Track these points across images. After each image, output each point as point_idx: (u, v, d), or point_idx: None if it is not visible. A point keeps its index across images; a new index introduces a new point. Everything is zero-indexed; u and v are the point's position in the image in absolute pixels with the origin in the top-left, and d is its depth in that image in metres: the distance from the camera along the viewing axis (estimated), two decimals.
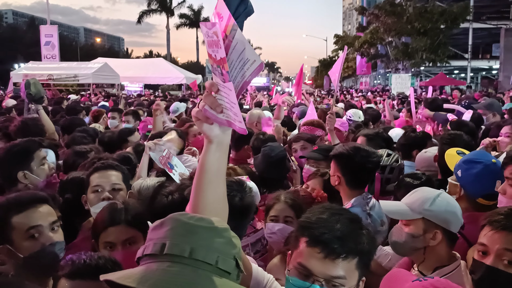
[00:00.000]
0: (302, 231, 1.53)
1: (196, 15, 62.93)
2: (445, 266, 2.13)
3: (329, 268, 1.44)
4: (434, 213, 2.14)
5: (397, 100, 14.32)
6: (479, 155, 2.70)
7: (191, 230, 1.16)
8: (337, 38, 45.31)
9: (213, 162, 1.44)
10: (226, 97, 1.36)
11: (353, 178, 2.91)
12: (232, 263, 1.16)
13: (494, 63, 37.11)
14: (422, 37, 29.36)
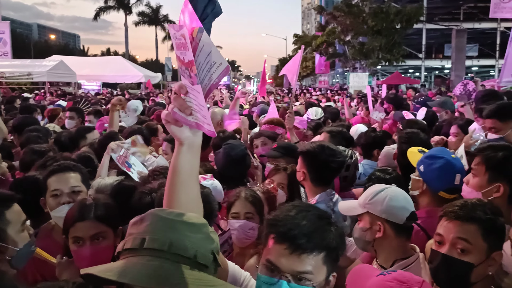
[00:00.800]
0: (270, 228, 1.56)
1: (154, 13, 62.00)
2: (404, 259, 2.20)
3: (295, 264, 1.46)
4: (374, 206, 2.23)
5: (356, 98, 14.61)
6: (440, 151, 2.81)
7: (171, 225, 1.18)
8: (296, 37, 45.87)
9: (185, 163, 1.45)
10: (194, 100, 1.37)
11: (317, 175, 2.98)
12: (210, 257, 1.19)
13: (447, 63, 38.54)
14: (378, 37, 30.08)
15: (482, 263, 1.78)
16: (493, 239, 1.79)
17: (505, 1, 11.06)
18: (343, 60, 36.27)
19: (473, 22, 38.06)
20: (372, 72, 31.83)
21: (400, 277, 1.58)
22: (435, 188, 2.68)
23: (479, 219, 1.79)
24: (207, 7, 1.78)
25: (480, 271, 1.79)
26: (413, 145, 3.37)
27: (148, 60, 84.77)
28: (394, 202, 2.21)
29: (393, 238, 2.22)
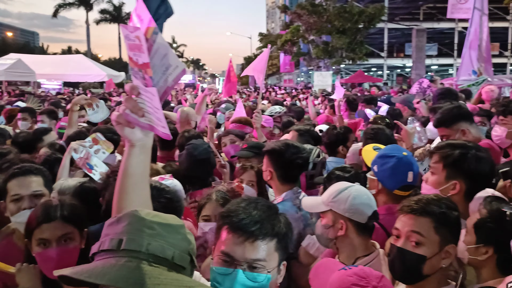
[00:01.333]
0: (223, 220, 1.60)
1: (117, 10, 60.83)
2: (366, 256, 2.24)
3: (249, 251, 1.51)
4: (337, 204, 2.25)
5: (320, 97, 14.78)
6: (392, 150, 2.83)
7: (148, 226, 1.17)
8: (261, 36, 46.00)
9: (137, 165, 1.44)
10: (148, 102, 1.35)
11: (284, 173, 3.00)
12: (187, 258, 1.19)
13: (408, 61, 39.46)
14: (341, 36, 30.51)
15: (435, 256, 1.83)
16: (446, 232, 1.84)
17: (462, 2, 11.43)
18: (307, 59, 36.58)
19: (432, 22, 39.23)
20: (336, 70, 32.24)
21: (360, 272, 1.63)
22: (390, 187, 2.71)
23: (432, 213, 1.84)
24: (160, 8, 1.77)
25: (434, 264, 1.83)
26: (378, 141, 3.44)
27: (111, 59, 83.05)
28: (357, 201, 2.23)
29: (355, 237, 2.25)
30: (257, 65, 5.54)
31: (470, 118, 3.60)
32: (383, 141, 3.45)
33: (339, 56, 31.78)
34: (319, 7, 32.14)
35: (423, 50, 32.21)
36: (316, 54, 32.68)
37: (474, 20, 10.22)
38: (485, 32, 10.27)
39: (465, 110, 3.68)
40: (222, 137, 4.69)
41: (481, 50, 10.15)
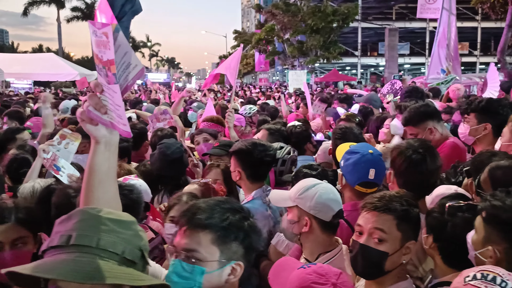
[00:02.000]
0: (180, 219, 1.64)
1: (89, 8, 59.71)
2: (328, 252, 2.27)
3: (184, 240, 1.55)
4: (303, 201, 2.26)
5: (294, 95, 14.83)
6: (359, 147, 2.87)
7: (100, 222, 1.19)
8: (236, 33, 45.94)
9: (102, 162, 1.45)
10: (110, 99, 1.37)
11: (253, 172, 3.01)
12: (138, 253, 1.22)
13: (381, 60, 40.08)
14: (316, 36, 30.72)
15: (396, 252, 1.87)
16: (407, 229, 1.89)
17: (430, 2, 11.71)
18: (282, 58, 36.71)
19: (404, 22, 39.88)
20: (310, 69, 32.47)
21: (319, 269, 1.66)
22: (350, 182, 2.75)
23: (395, 210, 1.88)
24: (125, 5, 1.76)
25: (395, 260, 1.87)
26: (347, 140, 3.45)
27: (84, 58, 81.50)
28: (323, 199, 2.25)
29: (319, 233, 2.27)
30: (230, 64, 5.55)
31: (438, 116, 3.68)
32: (351, 140, 3.48)
33: (313, 55, 31.99)
34: (293, 7, 32.29)
35: (395, 49, 32.79)
36: (290, 53, 32.81)
37: (443, 20, 10.44)
38: (453, 31, 10.50)
39: (432, 108, 3.76)
40: (195, 136, 4.68)
41: (449, 49, 10.38)
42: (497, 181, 2.19)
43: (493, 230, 1.75)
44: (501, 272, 1.45)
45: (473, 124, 3.34)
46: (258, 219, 2.76)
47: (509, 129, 2.94)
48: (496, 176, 2.24)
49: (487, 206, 1.80)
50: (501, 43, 14.56)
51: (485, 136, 3.30)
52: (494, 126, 3.24)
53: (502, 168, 2.25)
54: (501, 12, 14.41)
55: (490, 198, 1.81)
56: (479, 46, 41.18)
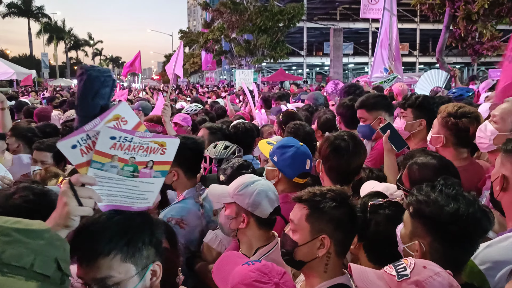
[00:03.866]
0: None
1: (26, 4, 57.21)
2: (264, 246, 2.28)
3: (91, 273, 1.39)
4: (242, 198, 2.27)
5: (242, 95, 14.83)
6: (289, 141, 2.96)
7: (4, 233, 1.06)
8: (182, 33, 45.41)
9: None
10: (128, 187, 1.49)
11: (189, 167, 2.95)
12: (52, 265, 1.08)
13: (326, 60, 40.90)
14: (263, 35, 30.92)
15: (307, 243, 1.85)
16: (318, 221, 1.84)
17: (373, 3, 12.03)
18: (229, 57, 36.66)
19: (348, 22, 40.95)
20: (257, 69, 32.63)
21: (263, 268, 1.65)
22: (290, 175, 2.84)
23: (306, 201, 1.89)
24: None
25: (306, 251, 1.86)
26: (298, 136, 3.50)
27: (21, 56, 77.72)
28: (262, 197, 2.26)
29: (255, 230, 2.30)
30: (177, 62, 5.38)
31: (391, 110, 3.86)
32: (302, 136, 3.53)
33: (260, 55, 32.16)
34: (240, 6, 32.32)
35: (340, 49, 33.48)
36: (238, 52, 32.83)
37: (385, 21, 10.75)
38: (394, 32, 10.82)
39: (389, 101, 3.95)
40: None
41: (391, 49, 10.69)
42: (414, 178, 2.32)
43: (419, 224, 1.79)
44: (412, 261, 1.47)
45: (409, 119, 3.46)
46: (190, 219, 2.71)
47: (438, 121, 3.05)
48: (413, 172, 2.36)
49: (413, 200, 1.82)
50: (439, 44, 15.23)
51: (420, 132, 3.43)
52: (428, 122, 3.36)
53: (418, 165, 2.37)
54: (439, 13, 15.08)
55: (416, 193, 1.83)
56: (418, 47, 42.96)
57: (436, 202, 1.74)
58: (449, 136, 2.96)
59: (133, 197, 1.50)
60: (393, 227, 1.94)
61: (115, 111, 1.51)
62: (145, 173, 1.49)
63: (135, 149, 1.47)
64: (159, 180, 1.52)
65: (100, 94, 1.84)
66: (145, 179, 1.50)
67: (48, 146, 3.85)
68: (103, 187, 1.44)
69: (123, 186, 1.47)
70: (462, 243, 1.72)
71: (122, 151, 1.46)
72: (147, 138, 1.47)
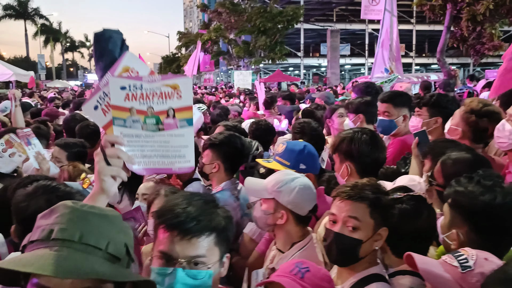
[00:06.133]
0: (158, 219, 1.56)
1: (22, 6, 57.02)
2: (300, 241, 2.31)
3: (187, 249, 1.48)
4: (281, 195, 2.28)
5: (243, 95, 14.90)
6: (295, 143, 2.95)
7: (82, 216, 1.13)
8: (180, 35, 45.34)
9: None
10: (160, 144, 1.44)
11: (232, 165, 3.04)
12: (122, 249, 1.16)
13: (323, 61, 41.03)
14: (261, 36, 30.96)
15: (369, 239, 1.90)
16: (378, 216, 1.92)
17: (373, 4, 12.13)
18: (227, 58, 36.67)
19: (345, 23, 41.11)
20: (255, 70, 32.68)
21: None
22: (317, 170, 2.94)
23: (367, 198, 1.91)
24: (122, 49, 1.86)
25: (368, 246, 1.90)
26: (305, 134, 3.57)
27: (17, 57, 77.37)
28: (302, 195, 2.28)
29: (293, 226, 2.32)
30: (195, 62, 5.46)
31: (412, 109, 3.88)
32: (308, 134, 3.60)
33: (258, 56, 32.21)
34: (239, 7, 32.35)
35: (337, 50, 33.66)
36: (237, 53, 32.86)
37: (385, 21, 10.81)
38: (395, 32, 10.87)
39: (414, 103, 3.94)
40: None
41: (392, 50, 10.78)
42: (447, 173, 2.28)
43: (456, 214, 1.84)
44: (473, 253, 1.51)
45: (425, 118, 3.50)
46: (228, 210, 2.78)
47: (460, 113, 3.09)
48: (447, 167, 2.33)
49: (451, 192, 1.88)
50: (440, 44, 15.30)
51: (436, 129, 3.46)
52: (444, 119, 3.39)
53: (452, 160, 2.34)
54: (440, 14, 15.17)
55: (455, 185, 1.89)
56: (414, 48, 43.15)
57: (471, 192, 1.79)
58: (467, 131, 3.01)
59: (169, 156, 1.44)
60: (410, 221, 1.98)
61: (123, 63, 1.46)
62: (170, 123, 1.42)
63: (150, 97, 1.40)
64: (188, 130, 1.44)
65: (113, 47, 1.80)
66: (173, 131, 1.43)
67: (66, 144, 3.92)
68: (135, 148, 1.43)
69: (154, 143, 1.43)
70: (499, 234, 1.75)
71: (137, 102, 1.40)
72: (157, 82, 1.39)
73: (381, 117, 3.81)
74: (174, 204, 1.56)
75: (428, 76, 22.35)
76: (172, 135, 1.42)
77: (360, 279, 1.90)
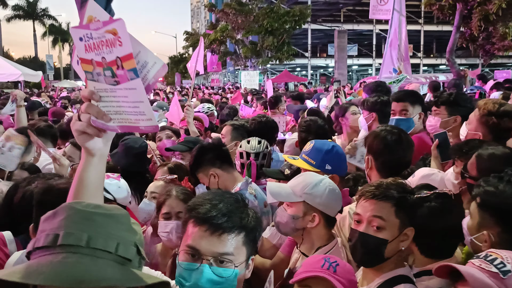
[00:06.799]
0: (189, 213, 1.55)
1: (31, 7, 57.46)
2: (325, 246, 2.27)
3: (216, 245, 1.46)
4: (312, 197, 2.24)
5: (250, 95, 14.91)
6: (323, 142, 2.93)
7: (88, 218, 1.07)
8: (187, 35, 45.54)
9: (95, 176, 1.38)
10: (123, 100, 1.29)
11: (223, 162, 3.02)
12: (133, 250, 1.10)
13: (330, 61, 40.94)
14: (269, 36, 30.98)
15: (395, 239, 1.86)
16: (404, 216, 1.88)
17: (382, 3, 12.05)
18: (234, 59, 36.72)
19: (352, 24, 41.02)
20: (263, 70, 32.69)
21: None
22: (343, 172, 2.92)
23: (392, 197, 1.88)
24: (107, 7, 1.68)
25: (393, 246, 1.87)
26: (311, 132, 3.57)
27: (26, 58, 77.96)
28: (332, 196, 2.27)
29: (322, 229, 2.28)
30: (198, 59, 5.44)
31: (427, 110, 3.90)
32: (315, 132, 3.60)
33: (266, 56, 32.22)
34: (246, 7, 32.39)
35: (345, 50, 33.55)
36: (244, 53, 32.89)
37: (394, 21, 10.73)
38: (403, 32, 10.82)
39: (428, 102, 4.00)
40: (157, 132, 4.63)
41: (400, 50, 10.71)
42: (482, 167, 2.23)
43: (487, 215, 1.79)
44: (506, 255, 1.46)
45: (444, 117, 3.44)
46: None
47: (476, 118, 3.01)
48: (482, 161, 2.27)
49: (480, 192, 1.83)
50: (450, 44, 15.16)
51: (455, 128, 3.39)
52: (463, 118, 3.33)
53: (488, 154, 2.28)
54: (449, 14, 15.06)
55: (484, 184, 1.84)
56: (422, 48, 42.96)
57: (503, 192, 1.76)
58: (487, 134, 2.91)
59: (132, 113, 1.31)
60: (439, 219, 1.95)
61: (87, 13, 1.32)
62: (122, 75, 1.28)
63: (100, 46, 1.27)
64: (138, 83, 1.27)
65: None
66: (126, 84, 1.28)
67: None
68: (107, 103, 1.32)
69: (118, 98, 1.31)
70: None
71: (94, 53, 1.29)
72: (100, 28, 1.25)
73: (398, 116, 3.75)
74: (206, 199, 1.55)
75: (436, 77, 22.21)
76: (127, 89, 1.28)
77: (386, 280, 1.87)
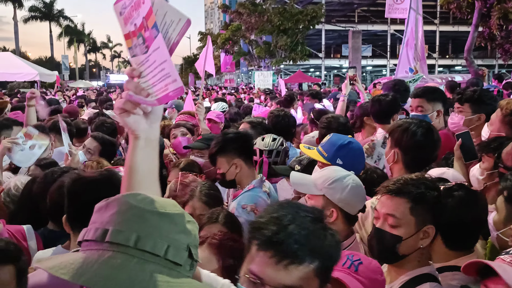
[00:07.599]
0: (252, 233, 1.35)
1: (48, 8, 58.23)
2: (344, 241, 2.20)
3: (282, 276, 1.26)
4: (333, 192, 2.18)
5: (263, 95, 14.91)
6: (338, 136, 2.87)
7: (140, 215, 1.02)
8: (201, 35, 45.76)
9: (143, 160, 1.27)
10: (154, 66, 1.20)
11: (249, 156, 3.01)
12: (184, 254, 1.03)
13: (344, 62, 40.76)
14: (283, 36, 30.96)
15: (412, 236, 1.80)
16: (423, 213, 1.80)
17: (398, 2, 11.93)
18: (248, 59, 36.76)
19: (366, 24, 40.77)
20: (276, 70, 32.67)
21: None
22: (361, 169, 2.81)
23: (408, 193, 1.80)
24: None
25: (410, 244, 1.80)
26: (331, 129, 3.49)
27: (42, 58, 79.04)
28: (354, 193, 2.19)
29: (340, 224, 2.21)
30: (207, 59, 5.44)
31: (446, 107, 3.81)
32: (335, 129, 3.52)
33: (280, 56, 32.20)
34: (259, 7, 32.43)
35: (359, 51, 33.28)
36: (258, 53, 32.91)
37: (410, 20, 10.60)
38: (420, 31, 10.68)
39: (445, 96, 3.90)
40: (172, 129, 4.59)
41: (417, 49, 10.59)
42: None
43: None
44: None
45: (468, 115, 3.35)
46: (262, 206, 2.73)
47: (499, 118, 2.94)
48: None
49: (508, 185, 1.78)
50: (468, 43, 14.99)
51: (478, 126, 3.30)
52: (487, 116, 3.25)
53: None
54: (467, 12, 14.86)
55: (511, 178, 1.78)
56: (437, 49, 42.54)
57: None
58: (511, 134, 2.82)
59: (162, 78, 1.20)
60: (467, 209, 1.89)
61: None
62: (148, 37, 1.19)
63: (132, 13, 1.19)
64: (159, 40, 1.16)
65: None
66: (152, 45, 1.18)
67: (102, 138, 3.97)
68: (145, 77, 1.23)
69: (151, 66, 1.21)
70: None
71: (129, 23, 1.22)
72: None
73: (414, 112, 3.68)
74: (273, 218, 1.32)
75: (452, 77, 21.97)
76: (154, 50, 1.17)
77: (411, 278, 1.81)
